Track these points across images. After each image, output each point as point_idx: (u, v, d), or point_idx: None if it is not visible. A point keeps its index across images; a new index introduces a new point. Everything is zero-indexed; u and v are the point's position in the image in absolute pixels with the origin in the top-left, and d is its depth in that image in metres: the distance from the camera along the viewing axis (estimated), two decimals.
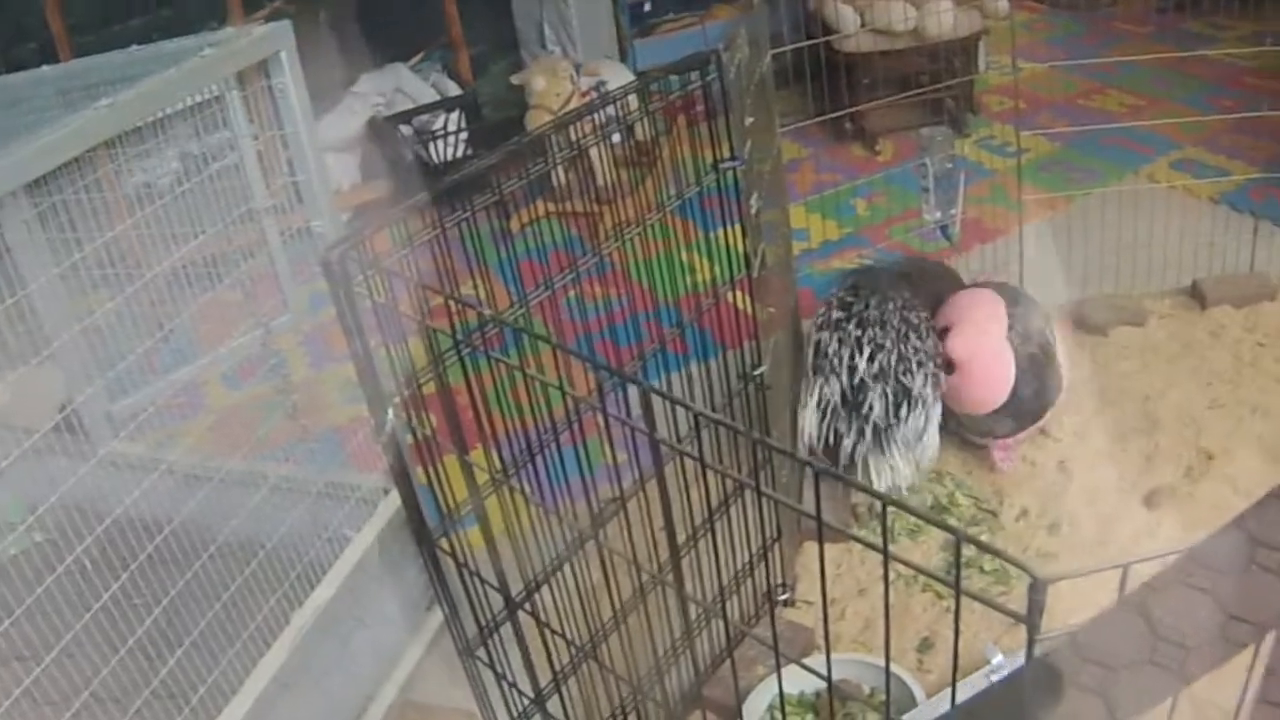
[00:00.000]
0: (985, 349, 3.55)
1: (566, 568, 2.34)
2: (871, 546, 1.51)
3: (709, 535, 2.52)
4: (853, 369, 3.41)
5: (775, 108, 3.54)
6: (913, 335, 3.48)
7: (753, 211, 2.69)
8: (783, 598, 3.15)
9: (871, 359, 3.41)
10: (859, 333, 3.45)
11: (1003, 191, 5.05)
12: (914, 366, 3.43)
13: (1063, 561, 3.30)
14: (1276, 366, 4.01)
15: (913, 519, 3.50)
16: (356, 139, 5.79)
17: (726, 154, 2.56)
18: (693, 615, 2.70)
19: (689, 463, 2.41)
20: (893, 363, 3.42)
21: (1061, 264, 4.56)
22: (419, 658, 3.08)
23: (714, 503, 2.61)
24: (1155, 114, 5.09)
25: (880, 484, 3.43)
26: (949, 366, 3.54)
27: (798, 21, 5.42)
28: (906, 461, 3.46)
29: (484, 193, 2.10)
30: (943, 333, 3.60)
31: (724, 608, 2.80)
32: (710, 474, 2.52)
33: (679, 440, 2.50)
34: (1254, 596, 1.35)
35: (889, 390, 3.41)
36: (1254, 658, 1.46)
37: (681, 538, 2.39)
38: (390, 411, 1.97)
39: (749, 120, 2.67)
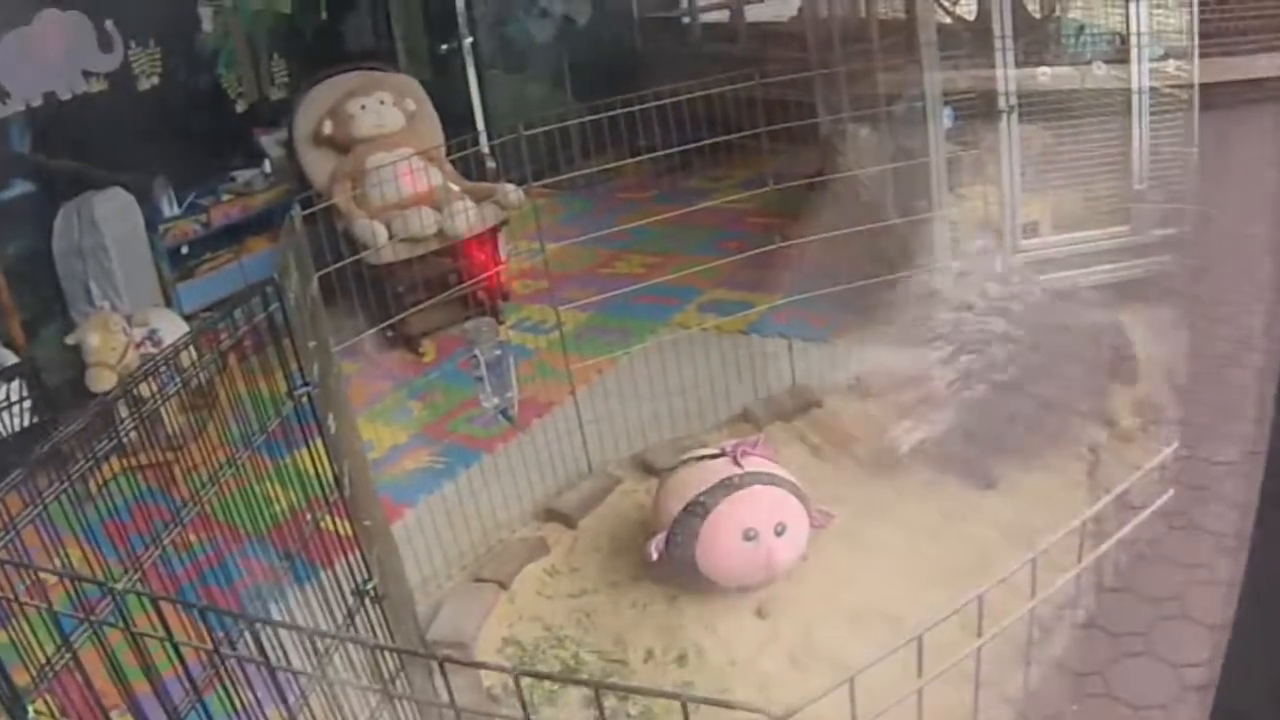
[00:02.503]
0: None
1: None
2: None
3: None
4: None
5: (327, 327, 3.50)
6: None
7: (332, 431, 2.64)
8: None
9: None
10: None
11: (547, 366, 5.20)
12: None
13: (701, 688, 3.32)
14: (824, 465, 4.19)
15: (547, 684, 3.47)
16: None
17: (291, 379, 2.51)
18: None
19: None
20: None
21: (619, 420, 4.67)
22: None
23: None
24: (673, 268, 5.27)
25: None
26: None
27: (330, 242, 5.39)
28: None
29: (63, 464, 1.98)
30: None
31: None
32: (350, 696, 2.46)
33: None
34: None
35: None
36: None
37: None
38: (30, 709, 1.82)
39: (311, 343, 2.63)
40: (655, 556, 3.68)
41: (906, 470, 4.16)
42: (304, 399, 2.55)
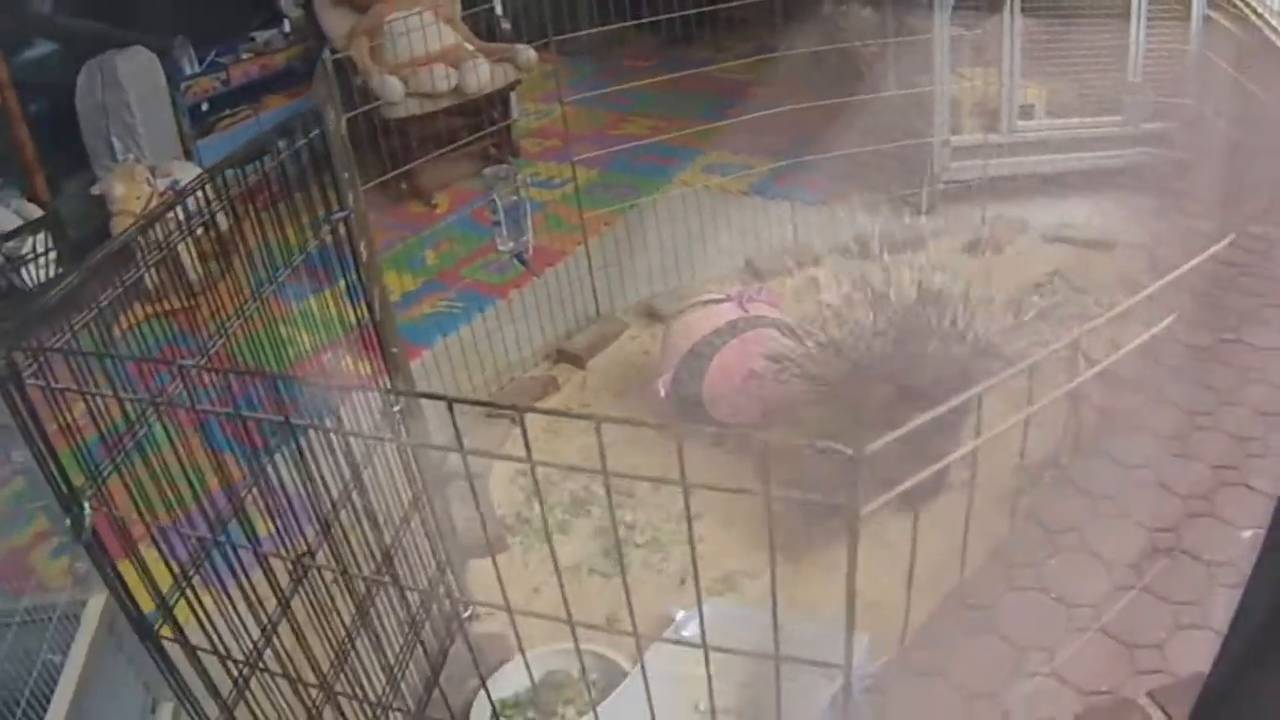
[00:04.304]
0: None
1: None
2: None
3: (390, 571, 2.37)
4: None
5: (354, 165, 3.38)
6: None
7: (365, 258, 2.52)
8: (466, 615, 2.98)
9: None
10: None
11: (557, 218, 5.09)
12: None
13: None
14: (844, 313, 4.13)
15: (559, 513, 3.41)
16: None
17: (329, 206, 2.42)
18: (396, 645, 2.50)
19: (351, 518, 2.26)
20: None
21: (627, 269, 4.60)
22: None
23: (388, 538, 2.44)
24: (676, 130, 5.13)
25: None
26: None
27: (346, 98, 5.24)
28: None
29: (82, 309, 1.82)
30: None
31: (419, 635, 2.64)
32: (378, 516, 2.37)
33: (346, 482, 2.34)
34: None
35: None
36: None
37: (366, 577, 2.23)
38: (87, 505, 1.69)
39: (344, 175, 2.50)
40: (662, 394, 3.63)
41: None
42: (340, 225, 2.43)
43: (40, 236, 5.14)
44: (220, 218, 2.18)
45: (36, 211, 5.34)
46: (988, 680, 2.64)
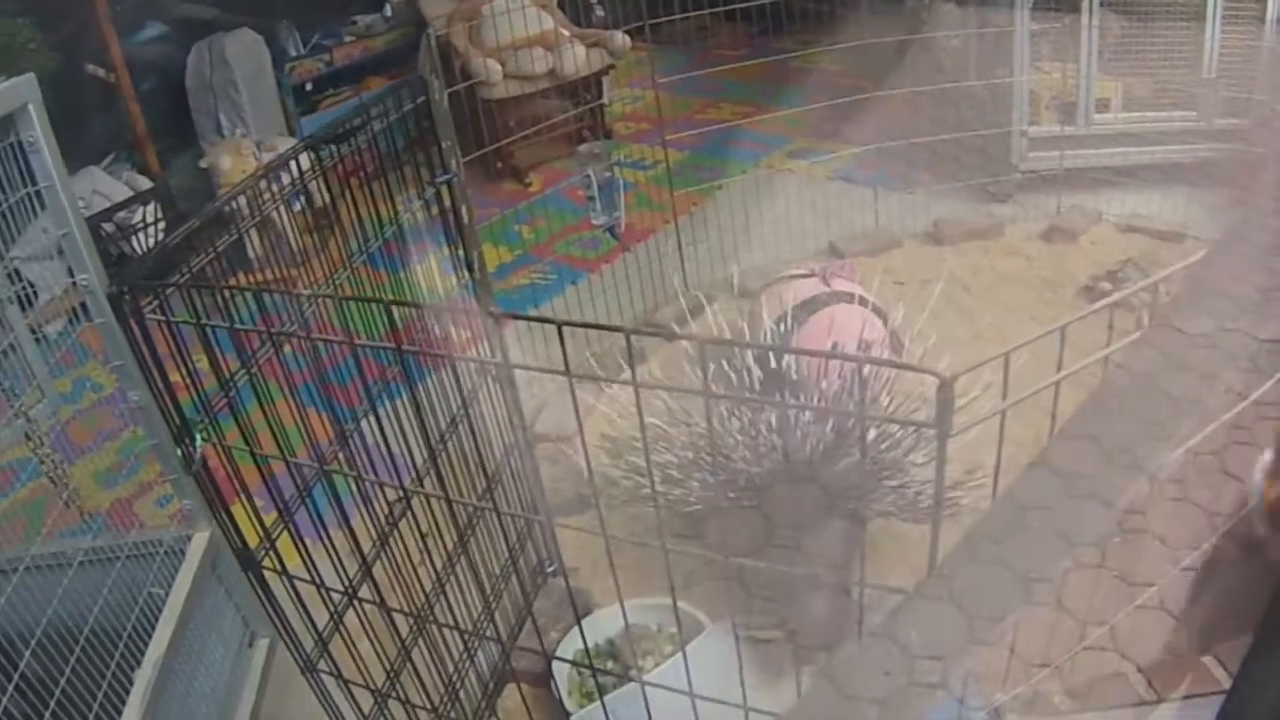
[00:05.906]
0: None
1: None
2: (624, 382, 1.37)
3: (480, 526, 2.43)
4: None
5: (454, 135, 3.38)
6: None
7: (466, 220, 2.51)
8: (550, 569, 2.96)
9: None
10: None
11: (646, 197, 5.07)
12: None
13: None
14: (903, 298, 4.07)
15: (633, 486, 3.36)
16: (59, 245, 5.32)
17: (433, 170, 2.41)
18: (486, 590, 2.49)
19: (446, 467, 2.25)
20: None
21: (715, 246, 4.56)
22: (253, 698, 2.67)
23: (479, 488, 2.44)
24: (763, 116, 5.11)
25: None
26: None
27: (446, 79, 5.25)
28: None
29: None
30: None
31: (506, 586, 2.66)
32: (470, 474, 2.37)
33: (442, 437, 2.33)
34: None
35: None
36: None
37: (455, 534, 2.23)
38: (200, 437, 1.68)
39: (445, 143, 2.48)
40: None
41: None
42: (443, 189, 2.42)
43: (150, 207, 5.21)
44: (325, 184, 2.16)
45: (146, 184, 5.41)
46: (1046, 650, 2.60)
